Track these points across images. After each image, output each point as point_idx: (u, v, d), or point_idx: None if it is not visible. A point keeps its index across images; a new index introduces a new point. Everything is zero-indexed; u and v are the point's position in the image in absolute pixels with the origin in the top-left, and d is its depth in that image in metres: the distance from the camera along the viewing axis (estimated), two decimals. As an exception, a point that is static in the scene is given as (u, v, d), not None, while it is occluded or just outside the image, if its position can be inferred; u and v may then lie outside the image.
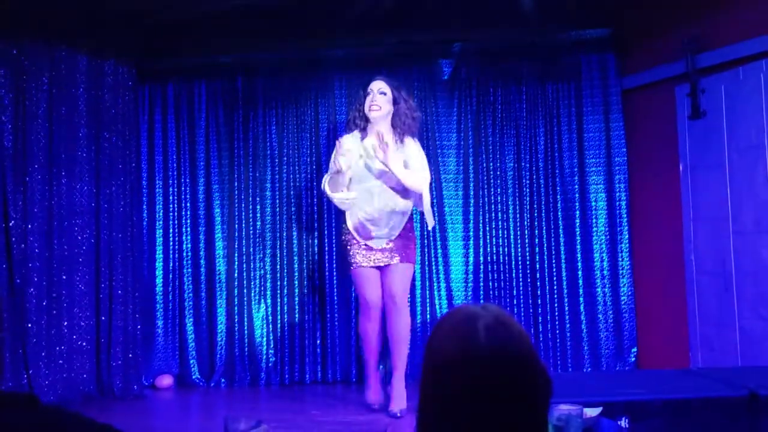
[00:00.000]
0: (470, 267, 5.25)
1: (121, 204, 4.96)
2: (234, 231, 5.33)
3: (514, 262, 5.21)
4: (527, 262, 5.20)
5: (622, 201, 5.16)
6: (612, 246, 5.16)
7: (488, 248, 5.23)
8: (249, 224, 5.33)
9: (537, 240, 5.21)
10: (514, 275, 5.20)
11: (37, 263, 4.46)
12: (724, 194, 4.43)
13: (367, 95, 4.33)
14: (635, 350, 5.08)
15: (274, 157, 5.36)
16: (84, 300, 4.71)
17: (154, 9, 4.70)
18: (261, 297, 5.30)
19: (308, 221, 5.31)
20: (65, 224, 4.64)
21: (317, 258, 5.29)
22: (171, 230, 5.35)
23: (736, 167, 4.37)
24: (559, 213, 5.21)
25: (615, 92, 5.18)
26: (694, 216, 4.67)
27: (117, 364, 4.83)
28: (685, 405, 2.77)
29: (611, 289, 5.14)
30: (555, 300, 5.17)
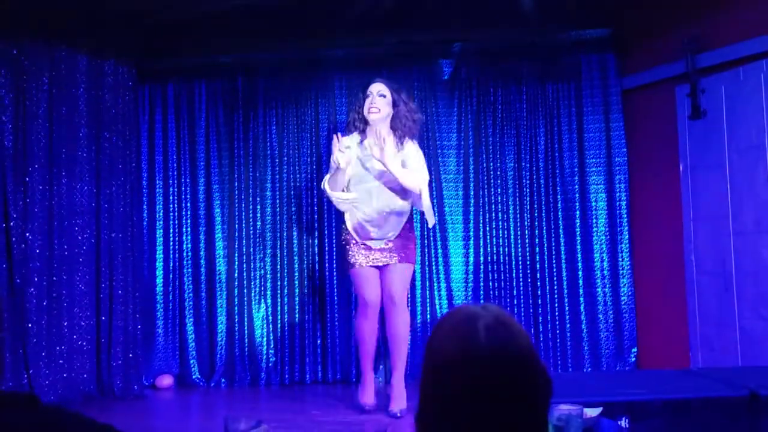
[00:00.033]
0: (470, 267, 5.25)
1: (122, 204, 4.96)
2: (234, 231, 5.33)
3: (515, 262, 5.21)
4: (527, 262, 5.20)
5: (623, 201, 5.16)
6: (612, 246, 5.16)
7: (488, 248, 5.23)
8: (249, 224, 5.33)
9: (537, 240, 5.21)
10: (515, 275, 5.20)
11: (38, 263, 4.46)
12: (725, 194, 4.43)
13: (367, 97, 4.30)
14: (635, 350, 5.08)
15: (275, 157, 5.36)
16: (84, 300, 4.71)
17: (154, 9, 4.70)
18: (261, 297, 5.30)
19: (308, 221, 5.31)
20: (65, 224, 4.64)
21: (317, 258, 5.29)
22: (171, 230, 5.35)
23: (737, 167, 4.37)
24: (560, 213, 5.21)
25: (615, 92, 5.18)
26: (695, 216, 4.67)
27: (117, 364, 4.83)
28: (686, 405, 2.77)
29: (611, 289, 5.14)
30: (555, 300, 5.17)
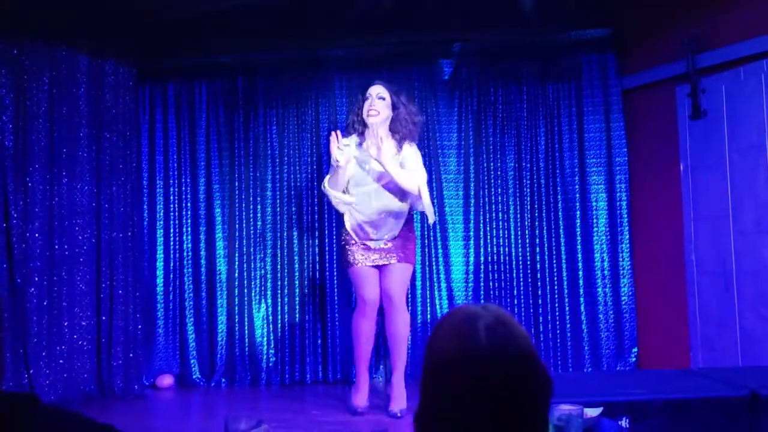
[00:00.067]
0: (471, 267, 5.25)
1: (122, 204, 4.96)
2: (234, 231, 5.33)
3: (515, 262, 5.21)
4: (528, 262, 5.20)
5: (623, 201, 5.16)
6: (612, 246, 5.16)
7: (489, 248, 5.23)
8: (249, 224, 5.33)
9: (537, 240, 5.21)
10: (515, 275, 5.20)
11: (38, 263, 4.46)
12: (725, 194, 4.43)
13: (366, 100, 4.29)
14: (636, 350, 5.08)
15: (275, 157, 5.36)
16: (85, 300, 4.71)
17: (154, 9, 4.69)
18: (261, 297, 5.30)
19: (309, 221, 5.31)
20: (66, 224, 4.64)
21: (318, 258, 5.29)
22: (172, 230, 5.35)
23: (737, 167, 4.37)
24: (560, 213, 5.21)
25: (615, 92, 5.18)
26: (695, 216, 4.67)
27: (118, 364, 4.82)
28: (686, 405, 2.77)
29: (612, 289, 5.14)
30: (555, 300, 5.17)
